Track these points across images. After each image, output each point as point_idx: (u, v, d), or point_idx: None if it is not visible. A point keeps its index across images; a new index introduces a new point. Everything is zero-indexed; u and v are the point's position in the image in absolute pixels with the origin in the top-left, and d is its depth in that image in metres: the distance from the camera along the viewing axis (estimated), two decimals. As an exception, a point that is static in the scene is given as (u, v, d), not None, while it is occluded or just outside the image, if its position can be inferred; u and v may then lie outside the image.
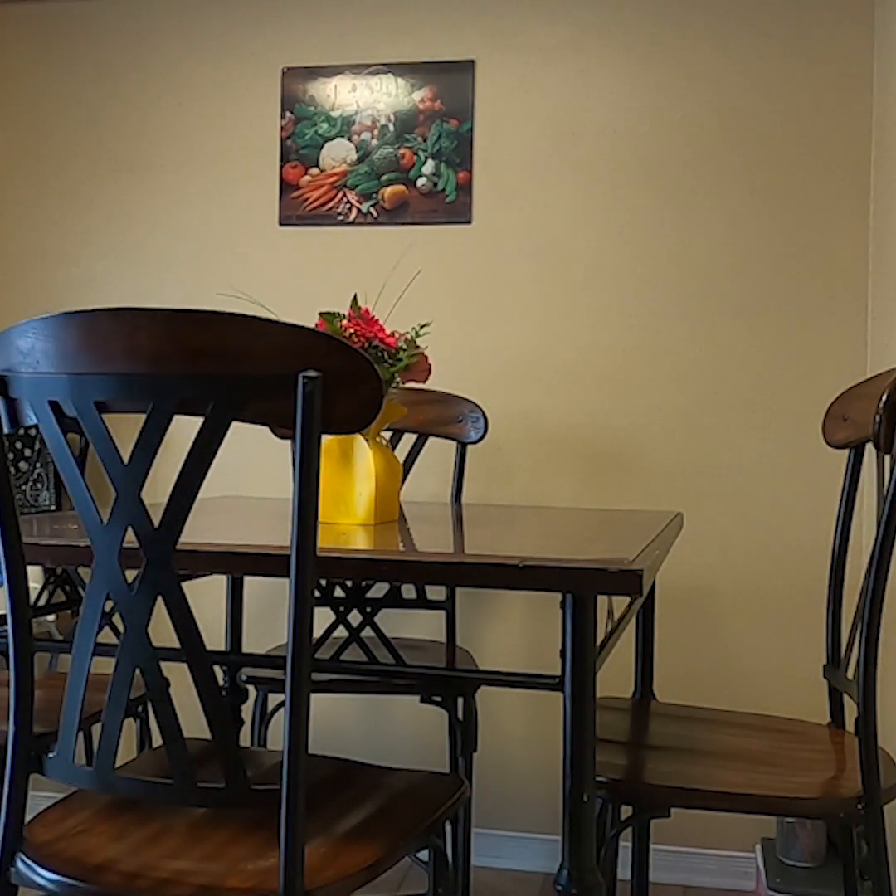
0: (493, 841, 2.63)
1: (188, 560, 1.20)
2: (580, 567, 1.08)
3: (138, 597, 1.09)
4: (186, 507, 1.07)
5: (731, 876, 2.53)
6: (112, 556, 1.10)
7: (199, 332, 1.05)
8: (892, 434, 1.43)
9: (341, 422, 1.06)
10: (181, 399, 1.07)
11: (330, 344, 1.04)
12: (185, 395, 1.07)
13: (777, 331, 2.51)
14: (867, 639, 1.43)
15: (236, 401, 1.06)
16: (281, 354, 1.04)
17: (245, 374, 1.05)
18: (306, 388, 1.03)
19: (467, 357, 2.65)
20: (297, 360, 1.04)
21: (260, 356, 1.05)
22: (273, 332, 1.04)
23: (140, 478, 1.08)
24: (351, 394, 1.05)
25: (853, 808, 1.39)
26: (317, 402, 1.03)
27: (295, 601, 1.04)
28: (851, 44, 2.47)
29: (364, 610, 1.53)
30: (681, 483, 2.55)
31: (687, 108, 2.55)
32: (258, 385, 1.05)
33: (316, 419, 1.04)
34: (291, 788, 1.05)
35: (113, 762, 1.12)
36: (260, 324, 1.04)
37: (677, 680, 2.56)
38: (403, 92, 2.67)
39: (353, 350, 1.04)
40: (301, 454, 1.04)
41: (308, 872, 1.09)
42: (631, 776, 1.45)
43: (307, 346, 1.04)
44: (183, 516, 1.07)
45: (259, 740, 2.21)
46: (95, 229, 2.84)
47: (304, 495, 1.04)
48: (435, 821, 1.26)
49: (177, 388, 1.07)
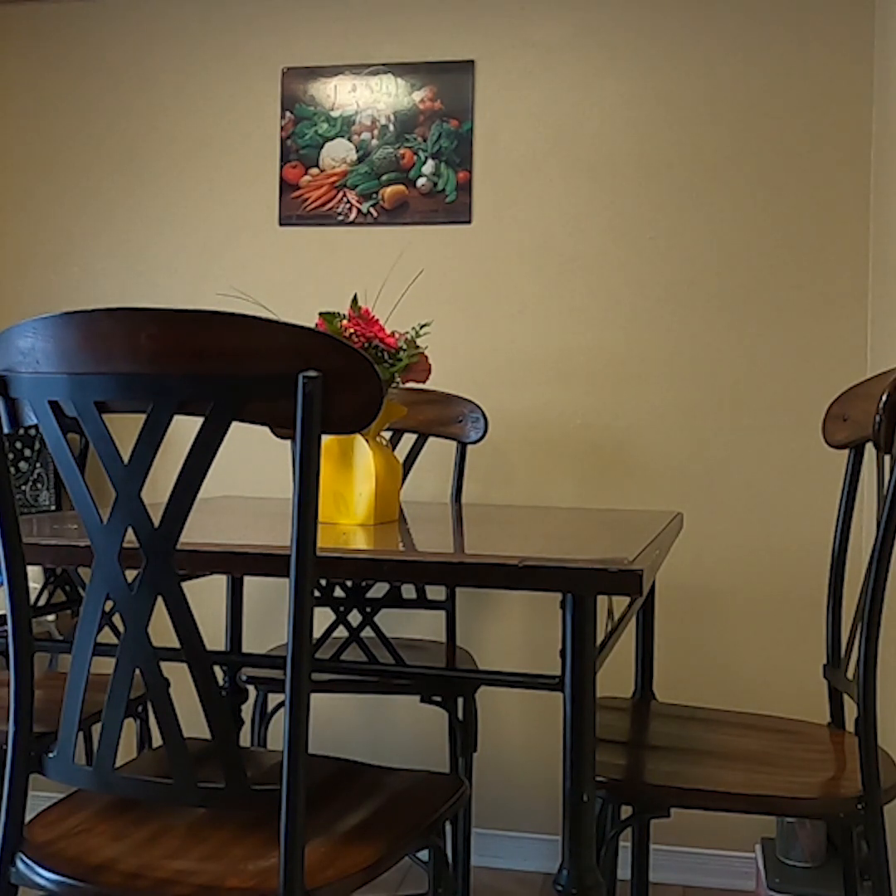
0: (493, 841, 2.63)
1: (188, 560, 1.20)
2: (580, 567, 1.08)
3: (138, 597, 1.09)
4: (187, 507, 1.07)
5: (731, 876, 2.53)
6: (112, 556, 1.10)
7: (199, 332, 1.05)
8: (892, 434, 1.43)
9: (341, 422, 1.06)
10: (181, 399, 1.07)
11: (330, 344, 1.04)
12: (185, 395, 1.07)
13: (777, 331, 2.51)
14: (867, 639, 1.43)
15: (236, 401, 1.06)
16: (281, 355, 1.04)
17: (245, 374, 1.05)
18: (307, 389, 1.03)
19: (467, 357, 2.65)
20: (298, 360, 1.04)
21: (260, 356, 1.05)
22: (273, 333, 1.04)
23: (140, 478, 1.08)
24: (351, 394, 1.05)
25: (853, 808, 1.39)
26: (317, 403, 1.03)
27: (295, 601, 1.04)
28: (851, 43, 2.47)
29: (364, 610, 1.53)
30: (681, 483, 2.55)
31: (686, 107, 2.55)
32: (258, 385, 1.05)
33: (316, 419, 1.04)
34: (291, 788, 1.05)
35: (113, 762, 1.12)
36: (260, 324, 1.04)
37: (677, 680, 2.56)
38: (403, 92, 2.67)
39: (353, 350, 1.04)
40: (301, 454, 1.04)
41: (308, 872, 1.09)
42: (631, 776, 1.45)
43: (308, 346, 1.04)
44: (183, 516, 1.07)
45: (259, 740, 2.21)
46: (95, 229, 2.84)
47: (303, 495, 1.04)
48: (435, 821, 1.26)
49: (177, 388, 1.07)
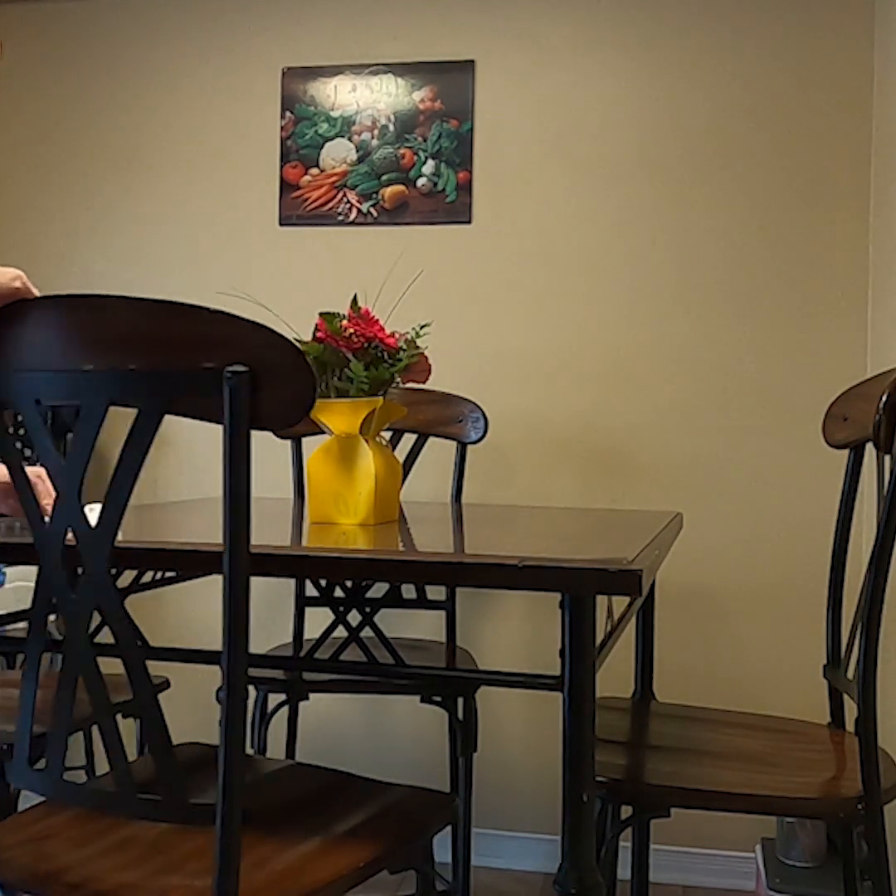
0: (493, 841, 2.63)
1: (188, 560, 1.19)
2: (580, 567, 1.08)
3: (78, 599, 1.06)
4: (122, 506, 1.03)
5: (731, 876, 2.53)
6: (50, 557, 1.07)
7: (125, 323, 1.02)
8: (892, 434, 1.43)
9: (272, 417, 1.02)
10: (111, 395, 1.04)
11: (260, 335, 0.99)
12: (115, 390, 1.03)
13: (777, 330, 2.51)
14: (867, 639, 1.43)
15: (165, 396, 1.02)
16: (211, 346, 1.00)
17: (173, 367, 1.01)
18: (231, 383, 0.99)
19: (467, 357, 2.65)
20: (226, 352, 1.00)
21: (190, 348, 1.00)
22: (202, 323, 1.00)
23: (78, 476, 1.05)
24: (282, 388, 1.00)
25: (853, 808, 1.39)
26: (243, 398, 0.99)
27: (230, 600, 1.01)
28: (851, 42, 2.47)
29: (364, 610, 1.53)
30: (681, 483, 2.55)
31: (686, 107, 2.55)
32: (186, 379, 1.01)
33: (243, 415, 1.00)
34: (227, 805, 1.00)
35: (61, 770, 1.10)
36: (188, 313, 1.01)
37: (677, 680, 2.55)
38: (403, 92, 2.67)
39: (285, 342, 0.99)
40: (229, 451, 1.00)
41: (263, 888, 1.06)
42: (631, 776, 1.45)
43: (236, 337, 1.00)
44: (118, 516, 1.03)
45: (259, 740, 2.21)
46: (95, 229, 2.84)
47: (233, 493, 1.00)
48: (417, 838, 1.21)
49: (107, 383, 1.03)
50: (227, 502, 1.00)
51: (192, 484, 2.77)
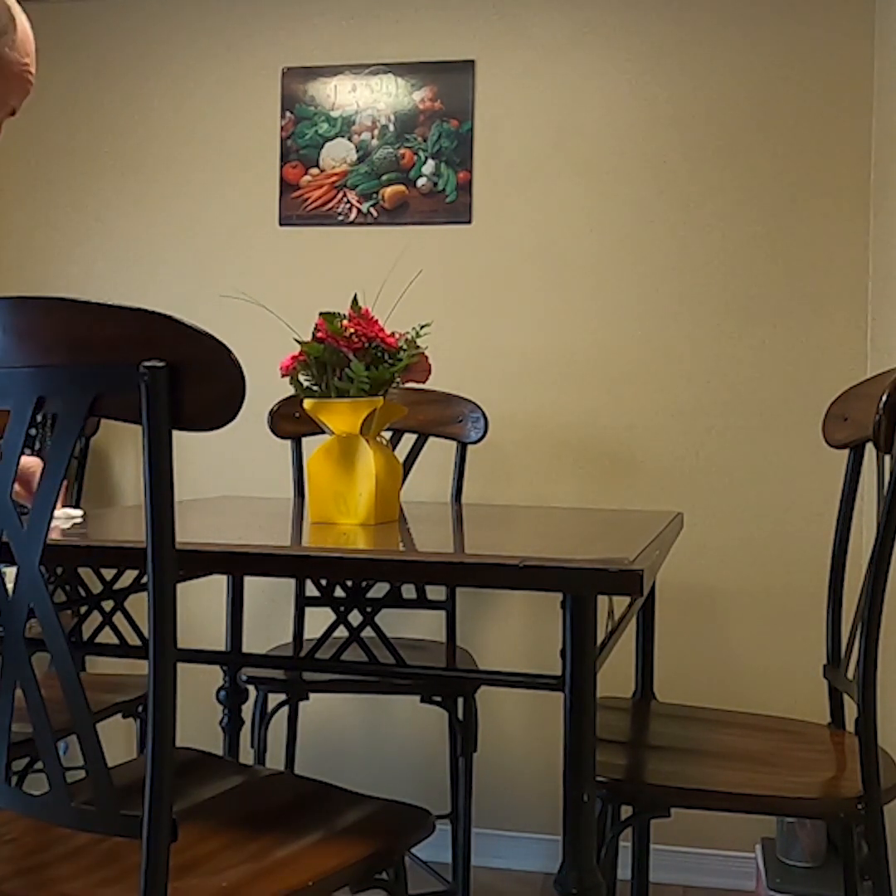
0: (493, 841, 2.63)
1: (188, 560, 1.19)
2: (580, 567, 1.08)
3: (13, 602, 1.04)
4: (50, 510, 1.02)
5: (731, 876, 2.53)
6: None
7: (42, 321, 0.99)
8: (892, 434, 1.43)
9: (197, 417, 0.97)
10: (35, 394, 1.01)
11: (180, 330, 0.95)
12: (34, 390, 1.01)
13: (777, 331, 2.51)
14: (867, 639, 1.43)
15: (85, 395, 0.99)
16: (128, 343, 0.96)
17: (92, 365, 0.99)
18: (147, 380, 0.95)
19: (467, 357, 2.65)
20: (146, 349, 0.96)
21: (107, 345, 0.98)
22: (119, 319, 0.97)
23: (9, 478, 1.04)
24: (207, 387, 0.96)
25: (853, 808, 1.39)
26: (161, 396, 0.95)
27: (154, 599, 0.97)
28: (852, 43, 2.47)
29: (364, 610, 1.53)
30: (681, 483, 2.55)
31: (686, 106, 2.55)
32: (104, 377, 0.98)
33: (162, 413, 0.96)
34: (153, 817, 0.97)
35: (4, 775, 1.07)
36: (105, 310, 0.98)
37: (677, 680, 2.55)
38: (403, 92, 2.67)
39: (207, 337, 0.95)
40: (148, 451, 0.96)
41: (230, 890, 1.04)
42: (631, 776, 1.45)
43: (155, 333, 0.96)
44: (47, 519, 1.02)
45: (259, 741, 2.21)
46: (94, 229, 2.84)
47: (155, 495, 0.96)
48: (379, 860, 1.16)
49: (25, 383, 1.01)
50: (149, 503, 0.96)
51: (192, 483, 2.77)
